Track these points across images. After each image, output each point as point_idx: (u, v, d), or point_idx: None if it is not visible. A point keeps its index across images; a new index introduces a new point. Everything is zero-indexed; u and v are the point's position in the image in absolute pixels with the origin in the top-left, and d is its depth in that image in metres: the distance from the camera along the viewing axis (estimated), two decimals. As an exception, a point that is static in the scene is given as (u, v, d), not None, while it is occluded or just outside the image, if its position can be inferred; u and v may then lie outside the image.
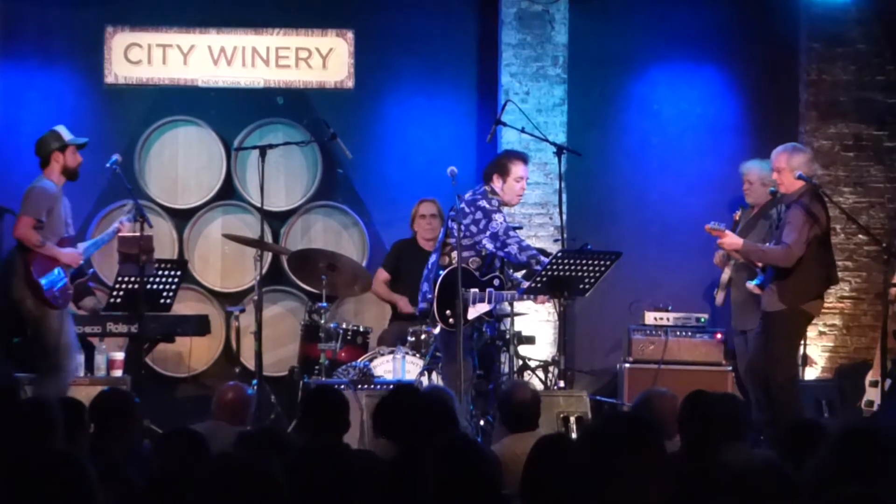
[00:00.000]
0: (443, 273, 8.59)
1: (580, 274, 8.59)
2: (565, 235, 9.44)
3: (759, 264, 8.91)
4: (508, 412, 6.52)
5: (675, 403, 6.39)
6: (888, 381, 9.61)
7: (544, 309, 10.06)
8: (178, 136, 10.98)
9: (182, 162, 10.98)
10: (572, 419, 7.96)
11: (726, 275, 9.65)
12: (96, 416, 5.56)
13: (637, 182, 11.19)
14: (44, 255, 8.63)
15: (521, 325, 9.79)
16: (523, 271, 8.98)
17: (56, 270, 8.66)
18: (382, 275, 10.44)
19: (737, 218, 9.71)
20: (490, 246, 8.66)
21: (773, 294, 8.66)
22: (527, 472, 4.29)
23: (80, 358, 9.22)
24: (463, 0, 11.25)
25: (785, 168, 8.72)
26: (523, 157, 8.95)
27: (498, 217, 8.71)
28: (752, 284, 8.95)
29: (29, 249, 8.62)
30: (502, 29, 10.91)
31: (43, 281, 8.59)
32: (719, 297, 9.83)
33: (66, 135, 8.81)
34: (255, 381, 9.28)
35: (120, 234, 8.97)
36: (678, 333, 9.92)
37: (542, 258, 8.63)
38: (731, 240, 8.85)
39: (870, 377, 9.76)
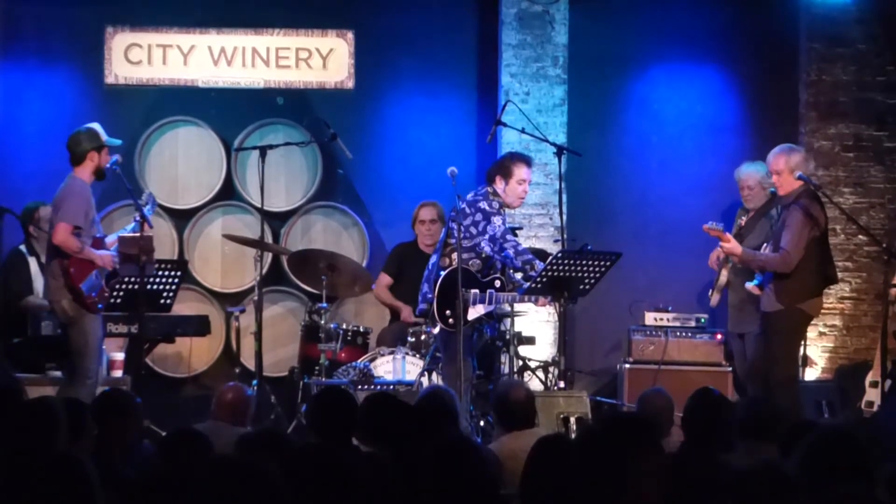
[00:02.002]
0: (443, 274, 8.59)
1: (580, 274, 8.59)
2: (565, 236, 9.44)
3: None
4: (504, 412, 6.52)
5: (670, 403, 6.41)
6: (888, 382, 9.61)
7: (544, 309, 10.06)
8: (178, 136, 10.99)
9: (182, 162, 10.98)
10: (572, 420, 7.96)
11: (724, 277, 9.65)
12: (98, 416, 5.55)
13: (637, 182, 11.19)
14: (81, 259, 8.60)
15: (522, 326, 9.79)
16: (522, 273, 8.97)
17: (93, 274, 8.66)
18: (385, 279, 10.41)
19: (742, 224, 9.65)
20: (488, 249, 8.65)
21: (771, 294, 8.67)
22: (526, 472, 4.29)
23: (105, 360, 9.23)
24: (463, 0, 11.26)
25: (784, 170, 8.72)
26: (527, 160, 8.92)
27: (497, 220, 8.68)
28: (751, 285, 8.95)
29: (66, 255, 8.60)
30: (502, 29, 10.91)
31: (84, 287, 8.58)
32: (714, 298, 9.84)
33: (103, 135, 8.79)
34: (255, 382, 9.28)
35: (120, 235, 8.96)
36: (678, 334, 9.92)
37: (538, 263, 8.60)
38: (732, 246, 8.84)
39: (870, 378, 9.75)
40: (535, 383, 9.50)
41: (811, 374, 10.72)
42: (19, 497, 3.71)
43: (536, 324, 10.50)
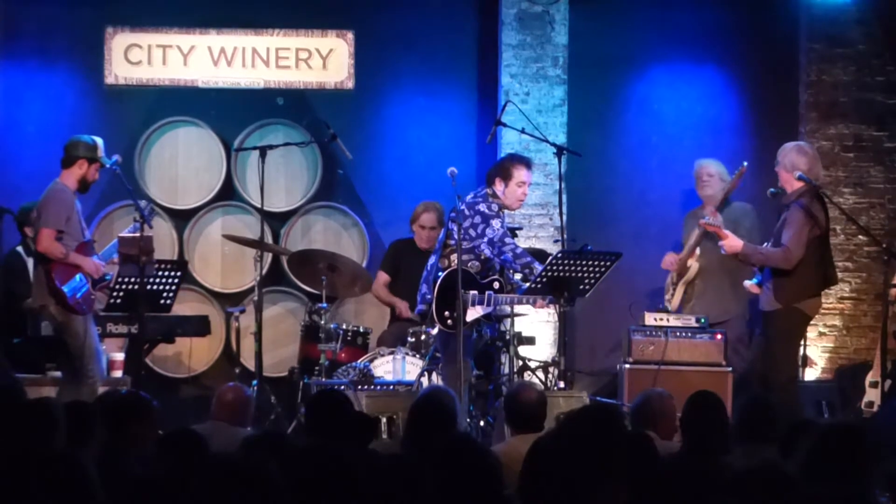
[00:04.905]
0: (442, 275, 8.58)
1: (580, 275, 8.58)
2: (565, 236, 9.44)
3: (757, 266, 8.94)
4: (514, 413, 6.50)
5: (672, 404, 6.40)
6: (888, 382, 9.61)
7: (544, 310, 10.05)
8: (178, 136, 10.99)
9: (182, 162, 10.98)
10: (572, 420, 7.94)
11: (693, 271, 9.78)
12: (114, 419, 5.53)
13: (637, 182, 11.19)
14: (66, 263, 8.63)
15: (522, 326, 9.79)
16: (521, 275, 8.96)
17: (77, 277, 8.67)
18: (382, 277, 10.42)
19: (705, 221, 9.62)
20: (488, 251, 8.63)
21: (769, 293, 8.68)
22: (524, 472, 4.29)
23: (105, 360, 9.23)
24: (463, 0, 11.26)
25: (783, 163, 8.77)
26: (526, 162, 8.87)
27: (496, 223, 8.65)
28: (749, 283, 8.96)
29: (50, 258, 8.62)
30: (502, 29, 10.91)
31: (66, 289, 8.60)
32: (676, 299, 9.93)
33: (102, 151, 8.85)
34: (255, 382, 9.29)
35: (120, 235, 8.97)
36: (678, 334, 9.90)
37: (537, 266, 8.57)
38: (732, 242, 8.86)
39: (870, 378, 9.76)
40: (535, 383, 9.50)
41: (811, 374, 10.72)
42: (19, 497, 3.71)
43: (536, 324, 10.50)
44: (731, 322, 9.85)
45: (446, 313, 8.50)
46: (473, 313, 8.56)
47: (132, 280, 9.13)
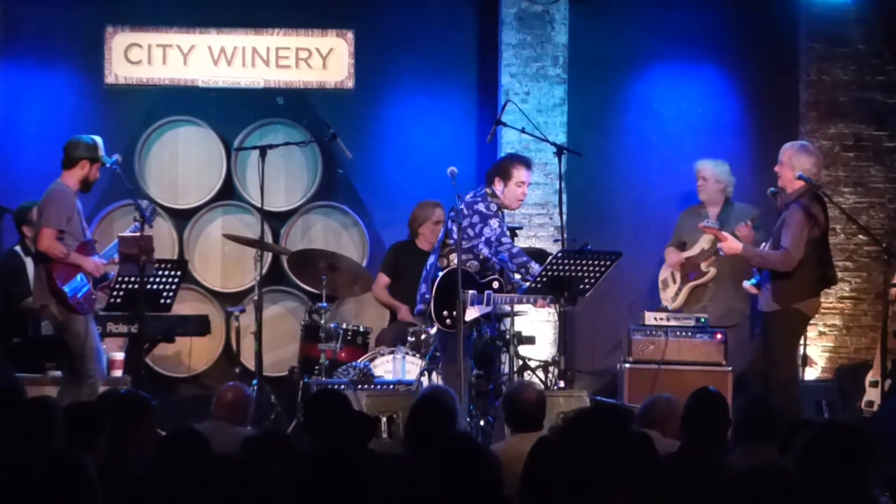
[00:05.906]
0: (440, 274, 8.57)
1: (580, 274, 8.58)
2: (565, 236, 9.44)
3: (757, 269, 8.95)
4: (513, 412, 6.51)
5: (677, 409, 6.40)
6: (888, 382, 9.61)
7: (544, 309, 10.04)
8: (179, 136, 10.99)
9: (182, 162, 10.98)
10: (572, 420, 7.93)
11: (708, 276, 9.76)
12: (110, 418, 5.53)
13: (637, 182, 11.18)
14: (66, 263, 8.63)
15: (522, 326, 9.79)
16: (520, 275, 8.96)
17: (78, 277, 8.67)
18: (383, 279, 10.42)
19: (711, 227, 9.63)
20: (486, 251, 8.62)
21: (768, 294, 8.68)
22: (525, 472, 4.29)
23: (105, 359, 9.24)
24: (463, 0, 11.26)
25: (785, 162, 8.75)
26: (526, 162, 8.86)
27: (493, 222, 8.64)
28: (748, 284, 8.96)
29: (50, 258, 8.62)
30: (502, 29, 10.91)
31: (67, 288, 8.60)
32: (680, 299, 9.90)
33: (102, 150, 8.85)
34: (255, 382, 9.29)
35: (120, 235, 8.97)
36: (678, 334, 9.90)
37: (534, 267, 8.55)
38: (731, 244, 8.86)
39: (870, 377, 9.76)
40: (535, 383, 9.49)
41: (811, 374, 10.72)
42: (19, 497, 3.71)
43: (536, 323, 10.50)
44: (738, 324, 9.87)
45: (445, 313, 8.50)
46: (472, 313, 8.55)
47: (132, 280, 9.13)
